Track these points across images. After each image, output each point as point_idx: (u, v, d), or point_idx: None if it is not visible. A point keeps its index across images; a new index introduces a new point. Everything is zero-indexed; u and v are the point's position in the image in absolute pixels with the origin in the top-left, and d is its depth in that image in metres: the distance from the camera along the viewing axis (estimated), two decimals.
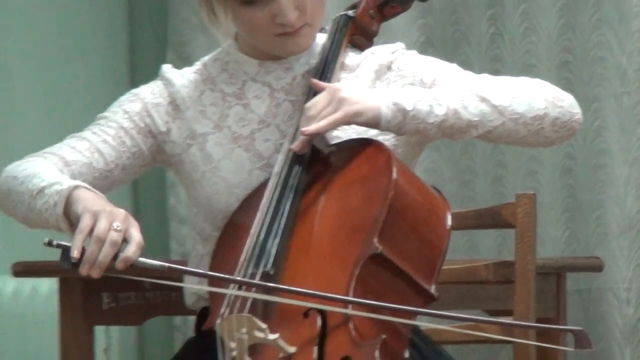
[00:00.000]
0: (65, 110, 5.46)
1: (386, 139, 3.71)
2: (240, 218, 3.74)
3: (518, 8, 5.93)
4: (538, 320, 4.70)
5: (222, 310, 3.57)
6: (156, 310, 4.99)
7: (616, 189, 5.80)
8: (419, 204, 3.67)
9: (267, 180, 3.71)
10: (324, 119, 3.62)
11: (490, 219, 4.58)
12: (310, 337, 3.51)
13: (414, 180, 3.69)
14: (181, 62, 4.56)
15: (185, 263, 3.98)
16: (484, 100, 3.72)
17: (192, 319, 3.95)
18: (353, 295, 3.49)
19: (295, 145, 3.64)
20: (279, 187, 3.67)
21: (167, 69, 3.92)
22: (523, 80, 3.82)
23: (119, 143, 3.85)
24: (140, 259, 3.49)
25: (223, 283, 3.62)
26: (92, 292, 4.95)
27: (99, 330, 5.26)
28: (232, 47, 3.89)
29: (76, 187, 3.58)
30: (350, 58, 3.88)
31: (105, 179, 3.85)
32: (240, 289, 3.56)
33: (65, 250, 3.46)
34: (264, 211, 3.66)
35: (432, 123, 3.65)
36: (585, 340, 3.45)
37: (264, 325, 3.48)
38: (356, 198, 3.64)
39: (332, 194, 3.67)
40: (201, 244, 3.87)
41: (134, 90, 3.91)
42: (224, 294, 3.60)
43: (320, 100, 3.64)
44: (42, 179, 3.66)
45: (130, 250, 3.48)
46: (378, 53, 3.89)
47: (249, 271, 3.55)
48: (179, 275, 3.76)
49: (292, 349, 3.48)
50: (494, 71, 5.79)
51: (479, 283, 4.53)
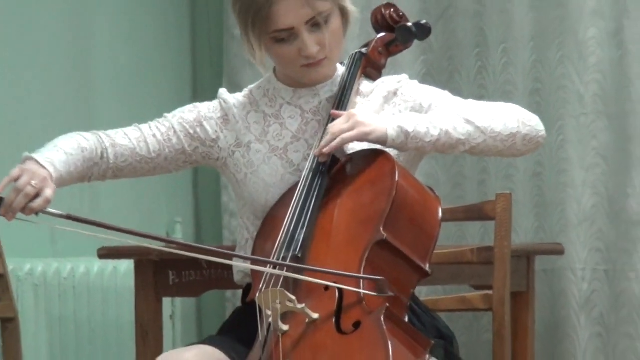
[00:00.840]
0: (140, 121, 5.49)
1: (391, 151, 3.70)
2: (276, 212, 3.73)
3: (499, 47, 5.91)
4: (512, 293, 4.70)
5: (261, 285, 3.57)
6: (211, 285, 4.98)
7: (575, 190, 5.78)
8: (416, 201, 3.66)
9: (297, 183, 3.71)
10: (341, 136, 3.63)
11: (475, 213, 4.56)
12: (330, 307, 3.50)
13: (413, 182, 3.69)
14: (233, 89, 4.54)
15: (234, 248, 3.98)
16: (469, 122, 3.71)
17: (240, 293, 3.93)
18: (363, 273, 3.50)
19: (321, 156, 3.65)
20: (306, 188, 3.67)
21: (223, 91, 3.93)
22: (500, 105, 3.82)
23: (165, 139, 3.85)
24: (46, 209, 3.55)
25: (262, 263, 3.63)
26: (161, 271, 4.94)
27: (166, 301, 5.25)
28: (272, 78, 3.88)
29: (29, 157, 3.67)
30: (364, 86, 3.87)
31: (147, 164, 3.87)
32: (275, 268, 3.56)
33: None
34: (294, 207, 3.65)
35: (429, 142, 3.65)
36: (386, 287, 3.49)
37: (293, 297, 3.48)
38: (367, 196, 3.64)
39: (348, 193, 3.66)
40: (247, 231, 3.86)
41: (196, 104, 3.93)
42: (264, 273, 3.61)
43: (340, 121, 3.64)
44: (46, 147, 3.78)
45: (37, 202, 3.54)
46: (387, 82, 3.88)
47: (282, 254, 3.56)
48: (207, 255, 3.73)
49: (316, 315, 3.48)
50: (480, 97, 5.75)
51: (466, 264, 4.50)
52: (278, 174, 3.79)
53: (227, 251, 3.74)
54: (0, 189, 3.57)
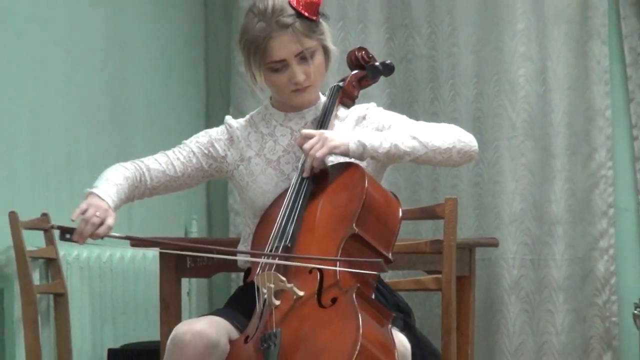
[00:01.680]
0: (166, 141, 5.47)
1: (362, 163, 3.71)
2: (271, 211, 3.73)
3: (448, 83, 5.90)
4: (457, 277, 4.69)
5: (258, 270, 3.57)
6: (219, 268, 4.95)
7: (507, 196, 5.78)
8: (381, 203, 3.65)
9: (287, 188, 3.71)
10: (316, 155, 3.64)
11: (428, 213, 4.55)
12: (312, 286, 3.50)
13: (378, 188, 3.69)
14: (238, 115, 4.54)
15: (237, 241, 3.98)
16: (414, 138, 3.72)
17: (242, 275, 3.93)
18: (337, 262, 3.51)
19: (305, 173, 3.67)
20: (294, 192, 3.67)
21: (229, 118, 3.93)
22: (442, 125, 3.84)
23: (187, 161, 3.85)
24: (109, 234, 3.61)
25: (260, 249, 3.65)
26: (180, 257, 4.92)
27: (184, 281, 5.23)
28: (268, 105, 3.88)
29: (91, 192, 3.69)
30: (341, 112, 3.87)
31: (175, 182, 3.86)
32: (268, 257, 3.57)
33: (61, 228, 3.59)
34: (285, 207, 3.65)
35: (381, 152, 3.67)
36: (382, 268, 3.53)
37: (283, 278, 3.48)
38: (342, 199, 3.64)
39: (327, 196, 3.66)
40: (248, 227, 3.86)
41: (207, 130, 3.92)
42: (260, 260, 3.62)
43: (313, 141, 3.65)
44: (101, 180, 3.79)
45: (102, 229, 3.59)
46: (358, 108, 3.88)
47: (275, 244, 3.56)
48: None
49: (302, 293, 3.47)
50: (432, 114, 5.79)
51: (420, 253, 4.48)
52: (272, 181, 3.79)
53: (233, 249, 3.76)
54: (74, 218, 3.60)
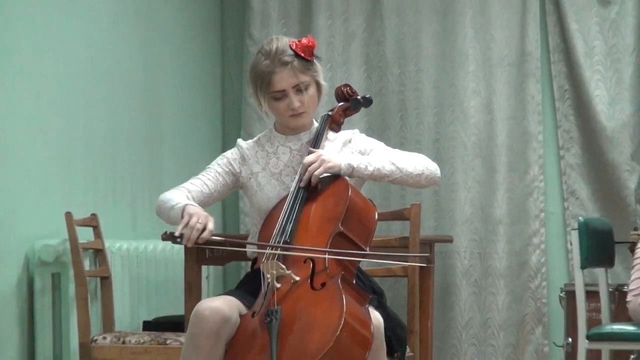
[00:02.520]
0: (189, 156, 5.47)
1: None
2: (274, 213, 3.69)
3: (414, 112, 5.91)
4: (420, 267, 4.68)
5: (263, 259, 3.56)
6: (232, 258, 4.94)
7: (460, 202, 5.77)
8: (361, 207, 3.63)
9: (287, 196, 3.69)
10: (314, 173, 3.63)
11: (398, 215, 4.56)
12: (306, 273, 3.47)
13: (359, 196, 3.66)
14: (248, 137, 4.54)
15: (246, 237, 3.97)
16: (393, 164, 3.70)
17: (250, 263, 3.91)
18: (327, 252, 3.50)
19: (302, 184, 3.65)
20: (292, 199, 3.63)
21: (240, 140, 3.89)
22: (414, 154, 3.79)
23: (215, 180, 3.82)
24: (211, 238, 3.56)
25: (265, 239, 3.62)
26: (201, 249, 4.90)
27: (204, 267, 5.21)
28: (272, 129, 3.85)
29: (186, 205, 3.63)
30: (330, 135, 3.83)
31: (209, 198, 3.81)
32: (272, 249, 3.55)
33: (173, 234, 3.54)
34: (285, 210, 3.62)
35: (366, 174, 3.65)
36: (430, 259, 3.51)
37: (283, 266, 3.45)
38: (330, 204, 3.61)
39: (319, 202, 3.63)
40: (255, 226, 3.81)
41: (223, 153, 3.89)
42: (265, 252, 3.61)
43: (311, 157, 3.64)
44: (174, 201, 3.69)
45: (205, 234, 3.53)
46: (345, 133, 3.86)
47: (277, 240, 3.53)
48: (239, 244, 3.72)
49: (298, 278, 3.45)
50: (401, 144, 5.77)
51: (391, 247, 4.48)
52: (275, 190, 3.77)
53: (235, 240, 3.74)
54: (180, 229, 3.56)
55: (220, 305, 3.52)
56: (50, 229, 4.79)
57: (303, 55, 3.75)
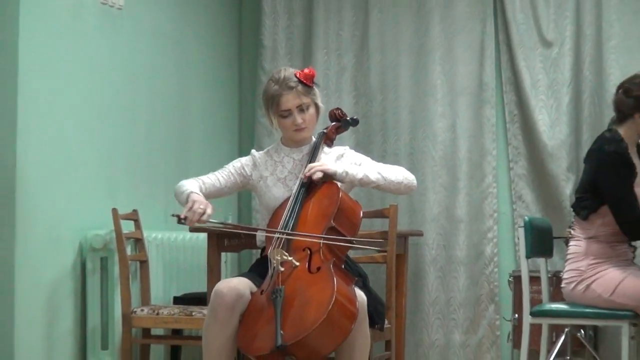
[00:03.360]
0: (211, 162, 5.42)
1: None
2: (278, 210, 3.68)
3: (393, 132, 5.87)
4: (397, 255, 4.67)
5: (271, 247, 3.54)
6: (245, 246, 4.91)
7: (429, 204, 5.73)
8: (349, 207, 3.62)
9: (290, 197, 3.67)
10: (317, 169, 3.64)
11: (379, 214, 4.56)
12: (304, 259, 3.47)
13: (348, 197, 3.64)
14: (259, 149, 4.52)
15: (255, 228, 3.95)
16: (379, 174, 3.69)
17: (259, 251, 3.88)
18: (321, 239, 3.49)
19: (305, 178, 3.65)
20: (294, 199, 3.63)
21: (253, 151, 3.88)
22: (396, 167, 3.78)
23: (227, 177, 3.81)
24: (209, 220, 3.55)
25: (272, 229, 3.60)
26: (220, 238, 4.89)
27: (223, 254, 5.19)
28: (279, 142, 3.84)
29: (191, 192, 3.63)
30: (326, 149, 3.83)
31: (219, 191, 3.80)
32: (277, 239, 3.54)
33: (178, 216, 3.54)
34: (288, 208, 3.61)
35: (357, 180, 3.66)
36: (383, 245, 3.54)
37: (286, 253, 3.45)
38: (325, 203, 3.60)
39: (315, 202, 3.62)
40: (264, 220, 3.80)
41: (239, 158, 3.87)
42: (271, 239, 3.58)
43: (317, 164, 3.66)
44: (186, 188, 3.69)
45: (204, 217, 3.55)
46: (338, 149, 3.85)
47: (280, 230, 3.53)
48: (241, 230, 3.69)
49: (298, 263, 3.44)
50: (382, 157, 5.74)
51: (374, 239, 4.45)
52: (280, 192, 3.75)
53: (256, 227, 3.71)
54: (184, 212, 3.56)
55: (235, 285, 3.52)
56: (99, 221, 4.78)
57: (305, 81, 3.74)
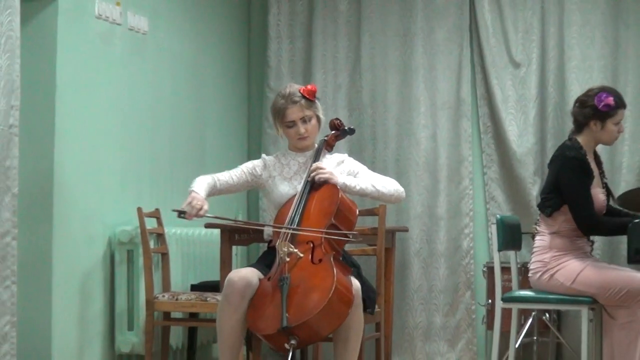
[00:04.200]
0: (222, 165, 5.39)
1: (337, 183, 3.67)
2: (284, 208, 3.69)
3: (382, 140, 5.86)
4: (385, 248, 4.64)
5: (278, 239, 3.54)
6: (253, 240, 4.90)
7: (414, 203, 5.71)
8: (347, 206, 3.63)
9: (295, 195, 3.67)
10: (321, 172, 3.65)
11: (370, 212, 4.53)
12: (308, 251, 3.48)
13: (346, 198, 3.66)
14: (267, 153, 4.49)
15: (261, 224, 3.93)
16: (373, 186, 3.71)
17: (265, 244, 3.88)
18: (323, 240, 3.49)
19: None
20: (299, 198, 3.64)
21: (264, 155, 3.91)
22: (388, 179, 3.81)
23: (240, 176, 3.82)
24: (205, 215, 3.54)
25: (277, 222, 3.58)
26: (232, 234, 4.87)
27: (234, 247, 5.17)
28: (287, 149, 3.87)
29: (191, 190, 3.63)
30: (327, 155, 3.85)
31: (231, 187, 3.81)
32: (285, 230, 3.54)
33: (178, 210, 3.54)
34: (293, 206, 3.63)
35: (354, 191, 3.68)
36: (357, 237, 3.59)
37: (292, 246, 3.45)
38: (326, 203, 3.62)
39: (317, 201, 3.63)
40: (271, 215, 3.81)
41: (251, 160, 3.90)
42: (279, 233, 3.58)
43: (324, 170, 3.66)
44: (193, 184, 3.69)
45: (201, 212, 3.54)
46: (338, 156, 3.87)
47: (287, 226, 3.51)
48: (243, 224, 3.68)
49: (302, 254, 3.45)
50: (373, 165, 5.69)
51: (366, 234, 4.46)
52: (286, 189, 3.76)
53: (264, 223, 3.70)
54: (184, 205, 3.55)
55: (245, 274, 3.53)
56: (126, 219, 4.77)
57: (308, 96, 3.76)
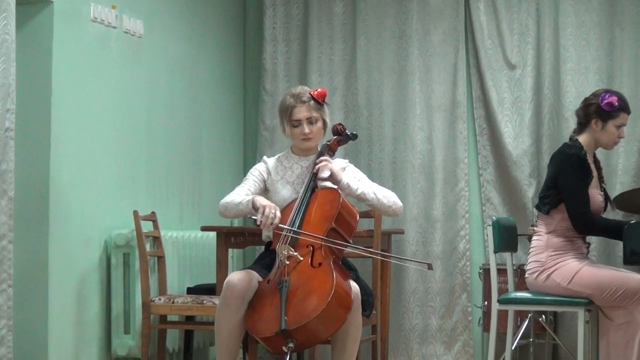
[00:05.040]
0: (224, 177, 5.40)
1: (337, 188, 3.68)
2: (286, 210, 3.68)
3: (378, 142, 5.86)
4: (382, 249, 4.66)
5: (279, 243, 3.54)
6: (250, 242, 4.93)
7: (410, 205, 5.71)
8: (348, 211, 3.64)
9: (296, 199, 3.67)
10: (326, 167, 3.67)
11: (367, 214, 4.55)
12: (308, 255, 3.48)
13: (347, 202, 3.66)
14: (261, 157, 4.49)
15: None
16: (374, 194, 3.71)
17: (263, 246, 3.87)
18: (323, 243, 3.49)
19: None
20: (300, 201, 3.64)
21: (266, 157, 3.90)
22: (389, 191, 3.78)
23: (255, 186, 3.79)
24: (279, 224, 3.50)
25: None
26: (228, 236, 4.88)
27: (230, 250, 5.17)
28: (289, 151, 3.86)
29: (255, 197, 3.60)
30: (329, 160, 3.84)
31: None
32: (284, 236, 3.54)
33: (255, 221, 3.51)
34: (294, 209, 3.62)
35: (355, 194, 3.69)
36: (430, 266, 3.57)
37: (292, 249, 3.46)
38: (327, 206, 3.62)
39: (318, 205, 3.64)
40: None
41: (255, 166, 3.88)
42: (279, 236, 3.59)
43: (330, 162, 3.70)
44: (238, 200, 3.65)
45: (276, 221, 3.50)
46: (340, 161, 3.87)
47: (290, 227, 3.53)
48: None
49: (302, 258, 3.45)
50: (369, 170, 5.69)
51: (362, 237, 4.47)
52: (289, 193, 3.75)
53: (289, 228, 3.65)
54: (259, 217, 3.51)
55: (244, 276, 3.54)
56: (122, 222, 4.78)
57: (317, 99, 3.77)
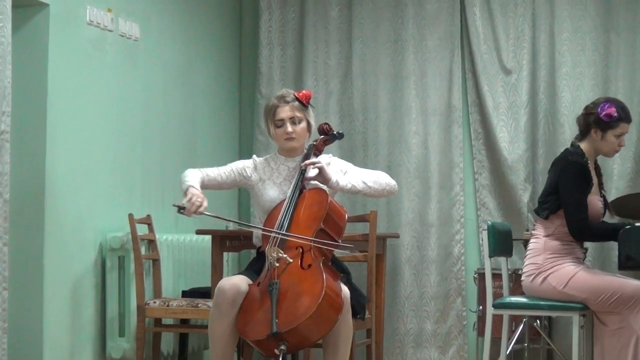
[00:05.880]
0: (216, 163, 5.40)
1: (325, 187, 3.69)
2: (274, 212, 3.70)
3: (373, 146, 5.88)
4: (376, 255, 4.66)
5: (268, 245, 3.56)
6: (244, 247, 4.93)
7: (405, 210, 5.73)
8: (336, 211, 3.65)
9: (284, 199, 3.69)
10: (315, 164, 3.69)
11: (361, 218, 4.57)
12: (297, 256, 3.50)
13: (335, 203, 3.68)
14: (258, 156, 4.52)
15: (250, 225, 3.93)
16: (364, 182, 3.72)
17: (255, 251, 3.88)
18: (312, 242, 3.49)
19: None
20: (288, 202, 3.66)
21: (255, 156, 3.92)
22: (378, 172, 3.82)
23: (228, 174, 3.83)
24: (205, 212, 3.54)
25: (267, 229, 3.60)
26: (223, 240, 4.89)
27: (225, 254, 5.17)
28: (276, 152, 3.88)
29: (190, 185, 3.63)
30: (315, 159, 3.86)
31: (218, 185, 3.83)
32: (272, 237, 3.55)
33: (178, 206, 3.55)
34: (282, 210, 3.64)
35: (345, 189, 3.69)
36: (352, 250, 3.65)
37: (282, 251, 3.47)
38: (315, 208, 3.63)
39: (307, 206, 3.65)
40: (260, 220, 3.82)
41: (242, 160, 3.91)
42: (268, 238, 3.60)
43: (319, 160, 3.71)
44: (187, 179, 3.69)
45: (201, 209, 3.54)
46: (325, 157, 3.87)
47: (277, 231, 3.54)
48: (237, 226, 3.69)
49: (291, 260, 3.47)
50: (363, 166, 5.68)
51: (357, 240, 4.48)
52: (276, 195, 3.77)
53: (253, 225, 3.72)
54: (184, 201, 3.57)
55: (235, 282, 3.55)
56: (117, 225, 4.79)
57: (301, 100, 3.79)
